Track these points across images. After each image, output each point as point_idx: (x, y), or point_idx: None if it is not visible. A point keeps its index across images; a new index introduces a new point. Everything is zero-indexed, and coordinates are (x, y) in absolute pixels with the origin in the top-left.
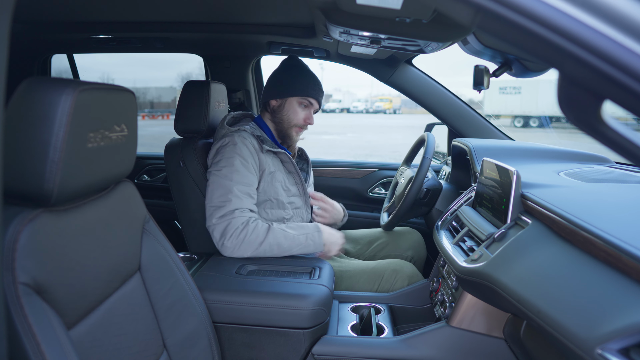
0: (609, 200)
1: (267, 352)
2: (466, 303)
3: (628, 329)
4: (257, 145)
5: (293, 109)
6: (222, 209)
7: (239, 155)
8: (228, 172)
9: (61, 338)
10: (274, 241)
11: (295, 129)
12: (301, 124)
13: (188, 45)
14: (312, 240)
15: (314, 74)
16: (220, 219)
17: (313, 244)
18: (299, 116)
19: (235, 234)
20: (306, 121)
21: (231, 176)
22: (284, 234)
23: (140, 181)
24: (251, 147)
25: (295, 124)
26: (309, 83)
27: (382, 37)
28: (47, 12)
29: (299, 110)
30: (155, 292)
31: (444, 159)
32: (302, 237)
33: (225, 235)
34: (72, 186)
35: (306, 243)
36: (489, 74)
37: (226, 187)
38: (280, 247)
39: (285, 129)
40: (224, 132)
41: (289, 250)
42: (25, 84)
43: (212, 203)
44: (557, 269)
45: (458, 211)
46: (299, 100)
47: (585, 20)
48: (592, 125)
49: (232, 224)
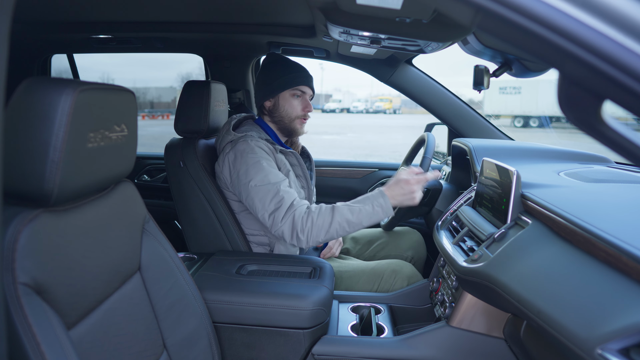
0: (609, 200)
1: (267, 352)
2: (466, 303)
3: (628, 329)
4: (270, 146)
5: (288, 102)
6: (280, 210)
7: (262, 157)
8: (262, 176)
9: (61, 338)
10: (342, 218)
11: (297, 121)
12: (301, 115)
13: (188, 45)
14: (379, 207)
15: (296, 63)
16: (284, 218)
17: (381, 210)
18: (297, 107)
19: (302, 223)
20: (305, 110)
21: (268, 178)
22: (349, 208)
23: (140, 181)
24: (266, 148)
25: (295, 116)
26: (294, 73)
27: (382, 37)
28: (47, 12)
29: (294, 102)
30: (155, 292)
31: (444, 159)
32: (369, 207)
33: (295, 229)
34: (72, 186)
35: (374, 211)
36: (489, 74)
37: (271, 190)
38: (350, 223)
39: (287, 125)
40: (230, 137)
41: (360, 223)
42: (25, 84)
43: (267, 210)
44: (557, 269)
45: (458, 211)
46: (290, 92)
47: (585, 21)
48: (592, 125)
49: (296, 216)
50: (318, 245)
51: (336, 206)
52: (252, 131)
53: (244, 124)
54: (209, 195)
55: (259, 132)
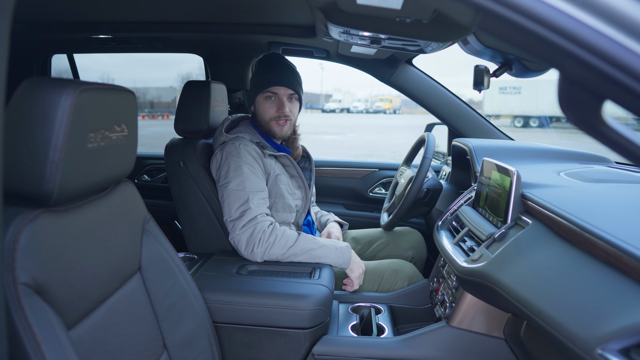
0: (610, 200)
1: (267, 352)
2: (466, 303)
3: (628, 329)
4: (259, 150)
5: (262, 106)
6: (243, 219)
7: (245, 162)
8: (239, 182)
9: (61, 338)
10: (305, 245)
11: (272, 123)
12: (275, 116)
13: (188, 45)
14: (341, 253)
15: (275, 64)
16: (244, 228)
17: (342, 257)
18: (269, 110)
19: (263, 237)
20: (279, 111)
21: (244, 185)
22: (314, 240)
23: (140, 181)
24: (254, 153)
25: (269, 118)
26: (263, 75)
27: (382, 37)
28: (47, 12)
29: (267, 105)
30: (155, 292)
31: (444, 159)
32: (332, 248)
33: (252, 241)
34: (73, 186)
35: (336, 254)
36: (489, 74)
37: (242, 197)
38: (310, 253)
39: (265, 127)
40: (222, 139)
41: (319, 257)
42: (26, 84)
43: (231, 217)
44: (558, 269)
45: (458, 211)
46: (262, 96)
47: (585, 21)
48: (593, 125)
49: (257, 229)
50: None
51: (302, 234)
52: (244, 133)
53: (239, 125)
54: (209, 195)
55: (252, 133)
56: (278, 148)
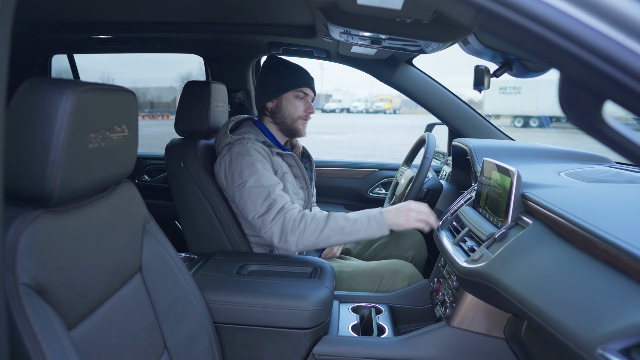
0: (610, 200)
1: (267, 353)
2: (467, 303)
3: (629, 329)
4: (267, 148)
5: (291, 103)
6: (271, 212)
7: (256, 160)
8: (256, 179)
9: (62, 338)
10: (336, 225)
11: (299, 121)
12: (304, 115)
13: (188, 46)
14: (375, 221)
15: (298, 65)
16: (274, 220)
17: (377, 225)
18: (299, 108)
19: (294, 225)
20: (307, 111)
21: (261, 181)
22: (344, 217)
23: (140, 181)
24: (262, 151)
25: (298, 116)
26: (297, 75)
27: (382, 37)
28: (47, 13)
29: (297, 103)
30: (156, 292)
31: (444, 159)
32: (365, 220)
33: (285, 231)
34: (73, 187)
35: (369, 224)
36: (490, 74)
37: (264, 193)
38: (343, 231)
39: (290, 125)
40: (227, 140)
41: (353, 233)
42: (26, 84)
43: (258, 213)
44: (558, 269)
45: (458, 211)
46: (293, 93)
47: (586, 21)
48: (593, 125)
49: (287, 218)
50: None
51: (332, 213)
52: (249, 133)
53: (242, 126)
54: (210, 196)
55: (257, 134)
56: (282, 148)
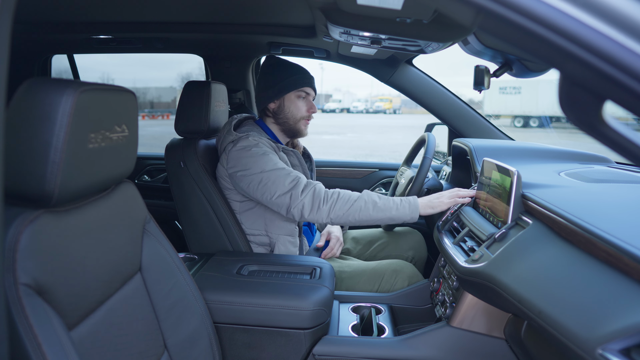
0: (610, 200)
1: (267, 353)
2: (467, 303)
3: (629, 329)
4: (272, 144)
5: (294, 104)
6: (299, 186)
7: (267, 150)
8: (273, 164)
9: (62, 339)
10: (369, 198)
11: (302, 122)
12: (306, 115)
13: (188, 46)
14: (407, 202)
15: (299, 65)
16: (304, 192)
17: (408, 207)
18: (302, 108)
19: (326, 196)
20: (310, 111)
21: (278, 165)
22: (377, 194)
23: (140, 181)
24: (268, 145)
25: (300, 116)
26: (298, 75)
27: (382, 37)
28: (47, 13)
29: (299, 103)
30: (156, 292)
31: (444, 159)
32: (397, 200)
33: (316, 201)
34: (73, 187)
35: (401, 205)
36: (490, 74)
37: (283, 173)
38: (375, 206)
39: (292, 125)
40: (231, 137)
41: (384, 210)
42: (26, 84)
43: (285, 189)
44: (558, 269)
45: (459, 211)
46: (296, 94)
47: (586, 21)
48: (593, 125)
49: (317, 189)
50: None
51: (364, 190)
52: (253, 131)
53: (244, 124)
54: (210, 196)
55: (260, 132)
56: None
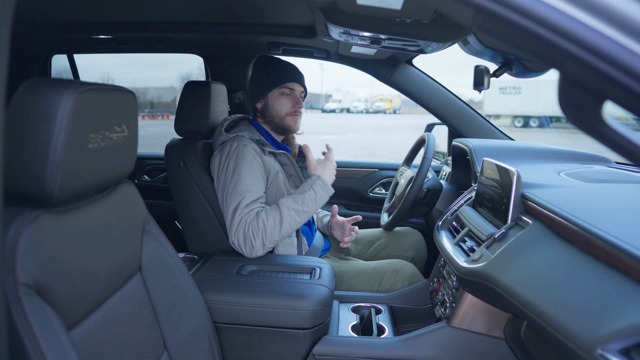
0: (610, 200)
1: (267, 353)
2: (467, 303)
3: (629, 329)
4: (258, 148)
5: (277, 101)
6: (234, 221)
7: (243, 162)
8: (233, 184)
9: (62, 339)
10: (290, 210)
11: (288, 118)
12: (291, 111)
13: (188, 46)
14: (320, 188)
15: (284, 61)
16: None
17: (322, 191)
18: (286, 105)
19: (255, 230)
20: (295, 106)
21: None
22: (293, 199)
23: (140, 181)
24: (253, 152)
25: (285, 113)
26: (280, 71)
27: (382, 37)
28: (47, 13)
29: (283, 101)
30: (155, 292)
31: (444, 159)
32: (311, 193)
33: (248, 240)
34: (73, 187)
35: (317, 194)
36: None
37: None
38: (299, 213)
39: (279, 123)
40: (222, 138)
41: (308, 210)
42: (26, 84)
43: (227, 220)
44: (558, 269)
45: (458, 211)
46: (278, 91)
47: (586, 21)
48: (593, 125)
49: (246, 227)
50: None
51: (280, 201)
52: (243, 132)
53: (238, 125)
54: (210, 196)
55: (252, 132)
56: (278, 146)
